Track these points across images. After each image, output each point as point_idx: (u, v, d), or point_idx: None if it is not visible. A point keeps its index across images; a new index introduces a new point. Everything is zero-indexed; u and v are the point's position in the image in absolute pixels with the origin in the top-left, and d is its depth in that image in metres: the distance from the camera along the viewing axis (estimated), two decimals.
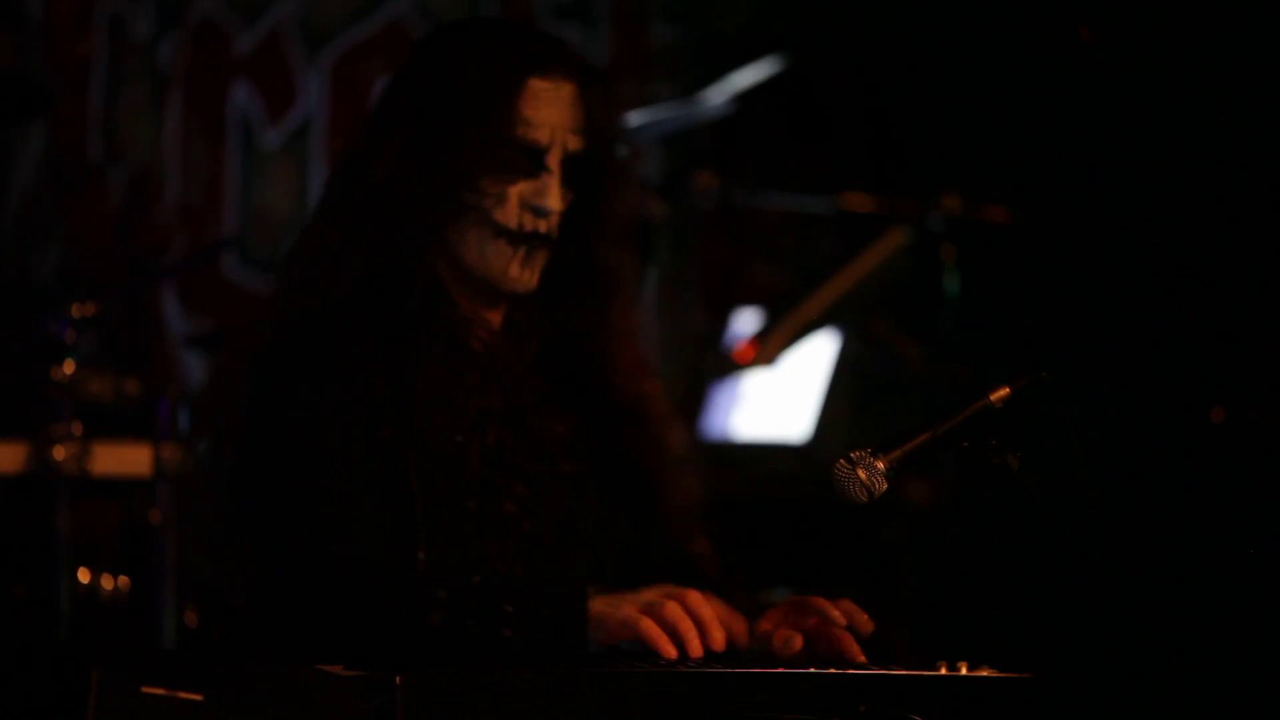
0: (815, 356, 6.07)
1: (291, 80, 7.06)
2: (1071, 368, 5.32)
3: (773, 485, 5.86)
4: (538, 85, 2.84)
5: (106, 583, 4.89)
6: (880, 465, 2.48)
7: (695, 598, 2.52)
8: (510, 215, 2.83)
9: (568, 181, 2.87)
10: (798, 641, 2.62)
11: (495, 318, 2.95)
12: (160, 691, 1.98)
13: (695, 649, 2.48)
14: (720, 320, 6.58)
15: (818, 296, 5.84)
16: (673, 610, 2.50)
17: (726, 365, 6.13)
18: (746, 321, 6.30)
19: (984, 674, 2.50)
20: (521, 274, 2.86)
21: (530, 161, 2.84)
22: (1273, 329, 5.04)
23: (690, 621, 2.50)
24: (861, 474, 2.47)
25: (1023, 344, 5.82)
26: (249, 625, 2.73)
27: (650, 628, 2.49)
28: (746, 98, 6.11)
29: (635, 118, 5.88)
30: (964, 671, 2.50)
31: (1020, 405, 2.72)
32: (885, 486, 2.48)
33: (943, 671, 2.51)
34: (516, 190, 2.84)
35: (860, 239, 5.93)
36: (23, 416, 4.79)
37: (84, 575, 4.84)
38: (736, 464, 6.04)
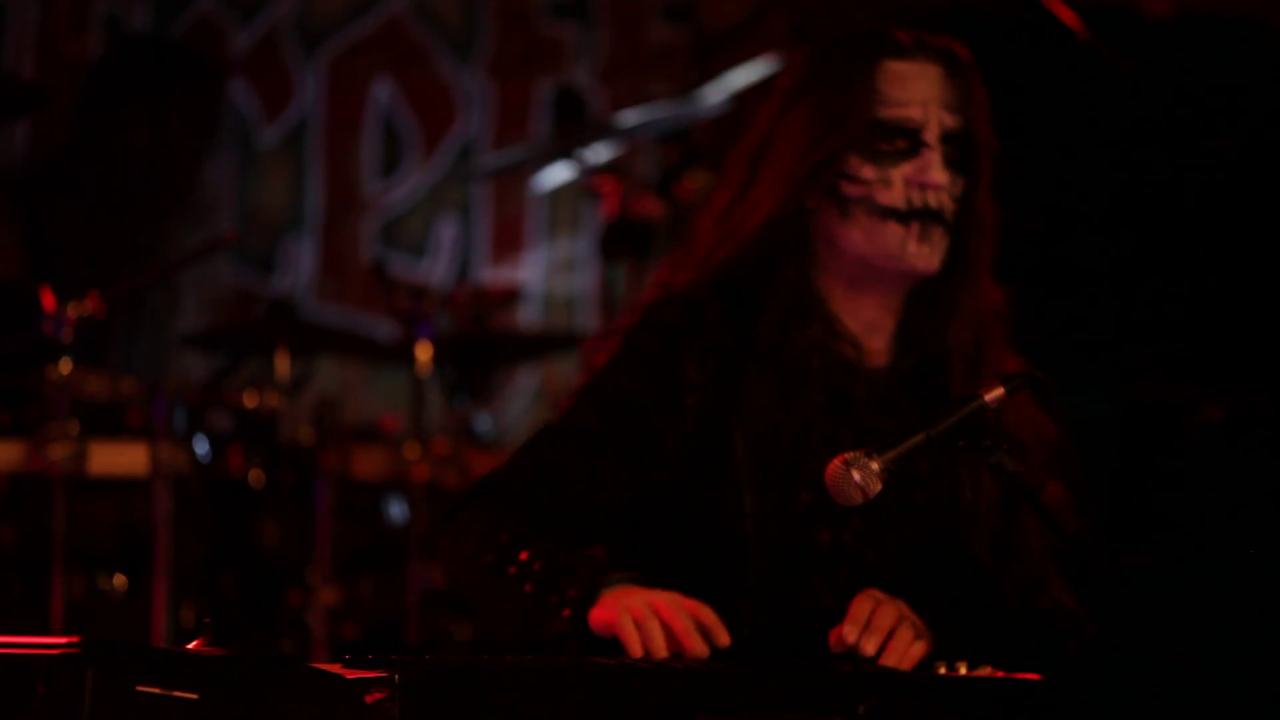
0: None
1: (288, 79, 7.06)
2: (1067, 366, 5.31)
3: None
4: (897, 66, 2.81)
5: (103, 582, 4.88)
6: (875, 466, 2.47)
7: (700, 608, 2.53)
8: (897, 196, 2.78)
9: (951, 161, 2.82)
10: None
11: (878, 339, 2.89)
12: (156, 691, 1.97)
13: (660, 652, 2.50)
14: None
15: None
16: (651, 624, 2.51)
17: None
18: None
19: (984, 674, 2.50)
20: (920, 250, 2.80)
21: (907, 140, 2.80)
22: (1271, 327, 5.03)
23: (660, 632, 2.51)
24: (856, 475, 2.46)
25: (1017, 342, 5.81)
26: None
27: (625, 627, 2.51)
28: (743, 96, 6.10)
29: (632, 116, 5.88)
30: (963, 671, 2.50)
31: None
32: (880, 487, 2.48)
33: (942, 671, 2.51)
34: (900, 172, 2.79)
35: None
36: (19, 416, 4.79)
37: (80, 573, 4.84)
38: None
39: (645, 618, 2.52)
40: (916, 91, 2.80)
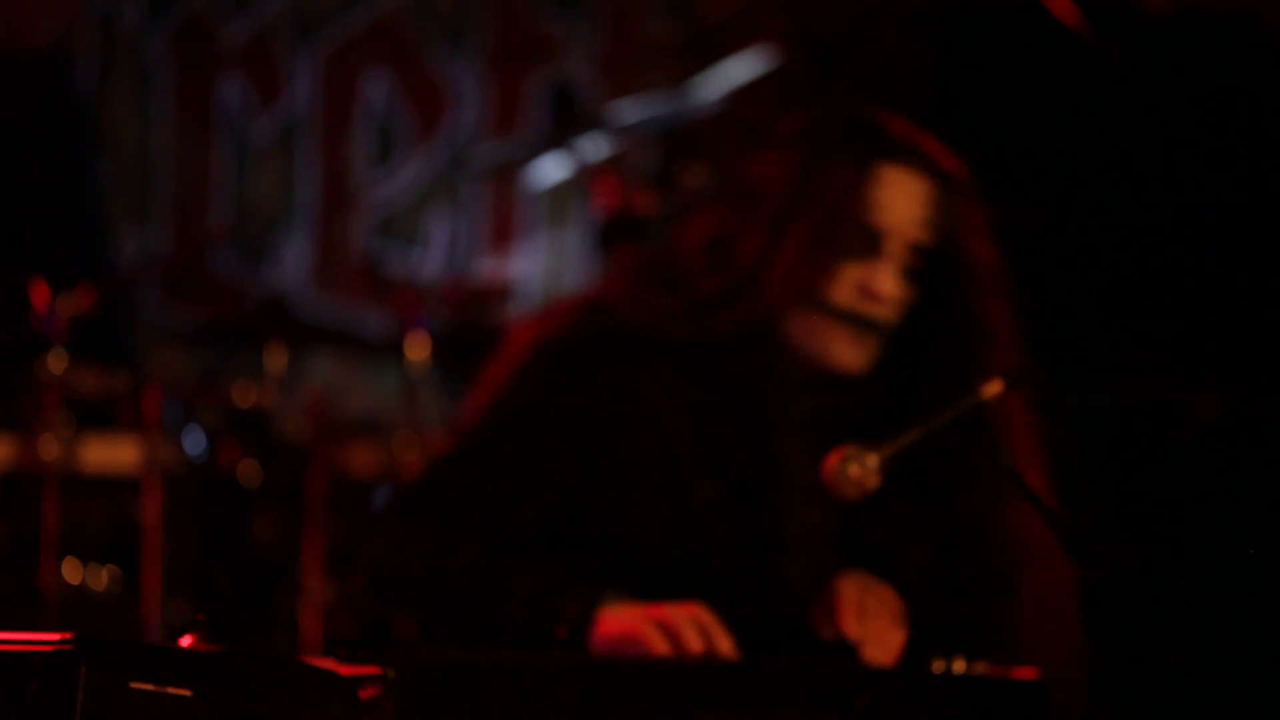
0: None
1: (281, 74, 7.04)
2: (1064, 361, 5.31)
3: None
4: (889, 172, 2.79)
5: (95, 577, 4.88)
6: (872, 461, 2.47)
7: (698, 608, 2.52)
8: (841, 294, 2.76)
9: (910, 274, 2.80)
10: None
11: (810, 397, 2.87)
12: (149, 687, 1.96)
13: (695, 646, 2.48)
14: None
15: None
16: (674, 616, 2.49)
17: None
18: None
19: (981, 671, 2.50)
20: (846, 351, 2.78)
21: (867, 243, 2.78)
22: (1268, 323, 5.04)
23: (690, 624, 2.49)
24: (854, 470, 2.46)
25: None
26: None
27: (647, 630, 2.49)
28: (739, 91, 6.10)
29: (628, 110, 5.87)
30: (960, 669, 2.50)
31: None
32: (877, 482, 2.47)
33: (939, 669, 2.50)
34: (852, 271, 2.77)
35: None
36: (11, 411, 4.78)
37: (73, 569, 4.83)
38: None
39: (674, 619, 2.50)
40: (894, 201, 2.79)
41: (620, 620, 2.52)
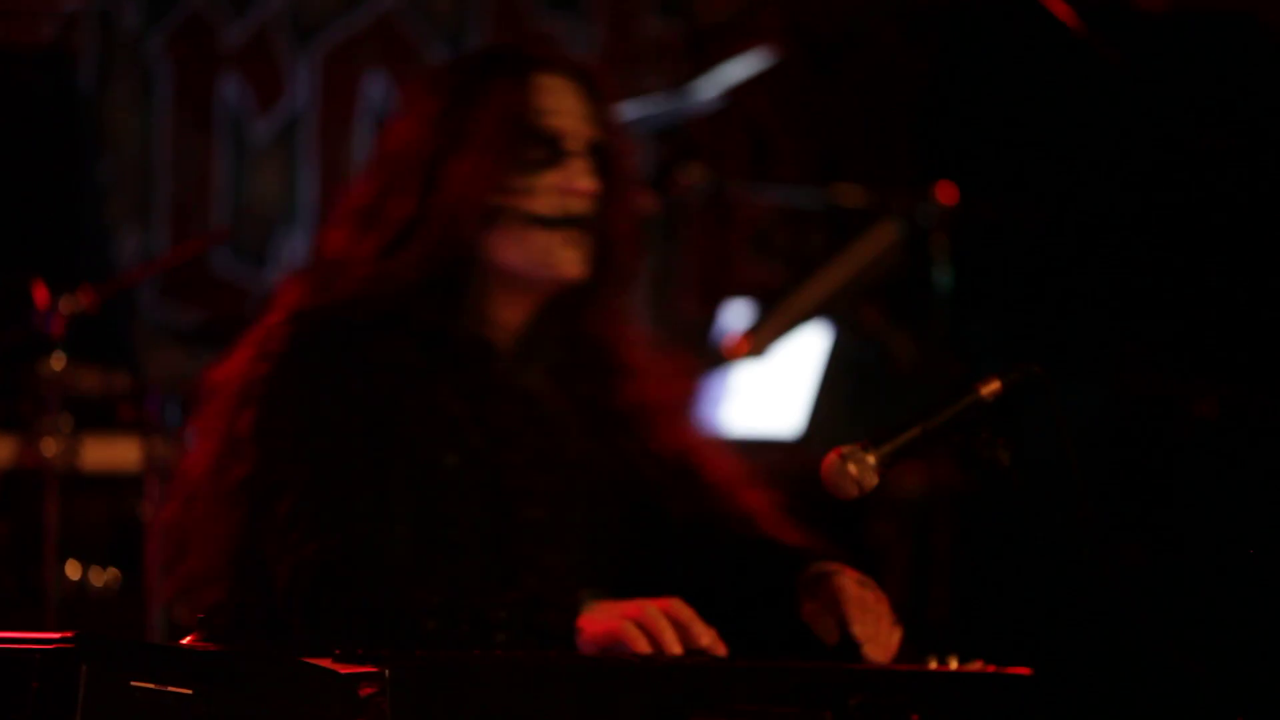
0: (806, 350, 6.07)
1: (281, 73, 7.05)
2: (1063, 361, 5.31)
3: (763, 480, 5.84)
4: (544, 80, 2.88)
5: (96, 576, 4.88)
6: (870, 460, 2.47)
7: (675, 603, 2.52)
8: (543, 204, 2.84)
9: (594, 168, 2.89)
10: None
11: (513, 337, 2.91)
12: (150, 686, 1.97)
13: (673, 648, 2.48)
14: (710, 313, 6.57)
15: (809, 290, 5.84)
16: (650, 613, 2.50)
17: (717, 359, 6.12)
18: (737, 315, 6.29)
19: (976, 669, 2.50)
20: (566, 256, 2.85)
21: (551, 150, 2.86)
22: (1266, 321, 5.04)
23: (667, 623, 2.49)
24: (852, 468, 2.46)
25: (1014, 337, 5.82)
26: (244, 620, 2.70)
27: (628, 629, 2.49)
28: (737, 91, 6.10)
29: (626, 111, 5.87)
30: (954, 666, 2.50)
31: (1012, 399, 2.72)
32: (876, 481, 2.47)
33: (934, 666, 2.51)
34: (545, 180, 2.85)
35: (851, 232, 5.93)
36: (11, 411, 4.78)
37: (73, 569, 4.84)
38: None
39: (651, 617, 2.51)
40: (562, 103, 2.88)
41: (601, 621, 2.52)
